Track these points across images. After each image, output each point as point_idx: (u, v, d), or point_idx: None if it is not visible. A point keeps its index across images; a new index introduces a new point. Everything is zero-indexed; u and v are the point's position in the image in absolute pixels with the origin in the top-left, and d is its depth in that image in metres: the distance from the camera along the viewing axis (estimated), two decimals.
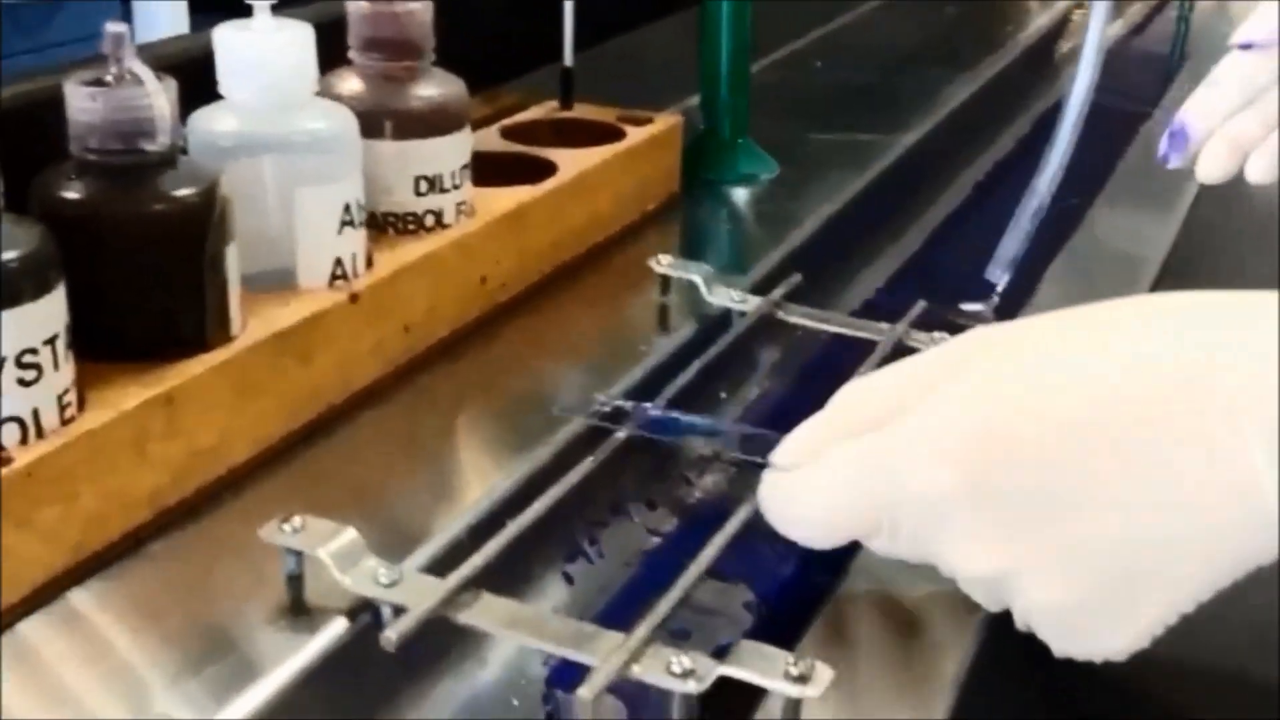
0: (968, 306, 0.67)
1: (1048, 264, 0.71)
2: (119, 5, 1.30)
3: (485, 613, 0.40)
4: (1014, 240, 0.67)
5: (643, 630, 0.39)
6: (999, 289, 0.67)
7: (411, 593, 0.40)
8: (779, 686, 0.37)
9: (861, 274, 0.75)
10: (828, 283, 0.71)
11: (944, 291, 0.69)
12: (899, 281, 0.76)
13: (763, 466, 0.44)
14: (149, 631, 0.40)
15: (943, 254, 0.80)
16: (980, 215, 0.84)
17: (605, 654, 0.38)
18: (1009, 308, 0.66)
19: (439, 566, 0.42)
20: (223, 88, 0.51)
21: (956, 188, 0.88)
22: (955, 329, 0.60)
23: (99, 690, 0.38)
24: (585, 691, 0.37)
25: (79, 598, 0.41)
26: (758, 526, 0.48)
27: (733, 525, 0.45)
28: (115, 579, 0.42)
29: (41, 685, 0.38)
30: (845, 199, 0.77)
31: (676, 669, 0.37)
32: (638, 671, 0.37)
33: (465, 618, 0.40)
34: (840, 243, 0.75)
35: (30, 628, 0.40)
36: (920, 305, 0.62)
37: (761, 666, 0.37)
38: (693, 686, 0.37)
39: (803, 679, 0.37)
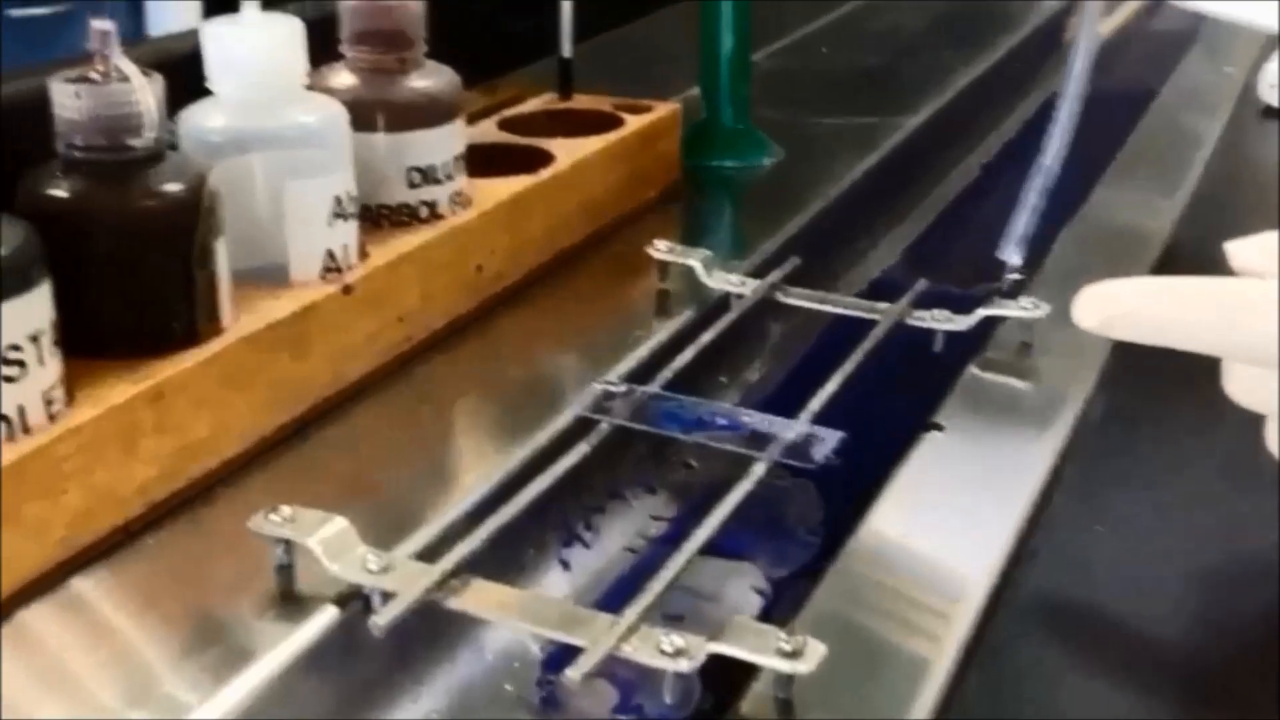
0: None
1: (1053, 241, 0.70)
2: (128, 8, 1.27)
3: (475, 598, 0.40)
4: (1024, 218, 0.66)
5: (634, 611, 0.38)
6: (1015, 266, 0.67)
7: (401, 579, 0.40)
8: (770, 662, 0.36)
9: (867, 258, 0.75)
10: (833, 267, 0.71)
11: (951, 273, 0.68)
12: (905, 264, 0.75)
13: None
14: (137, 623, 0.40)
15: (950, 236, 0.80)
16: (986, 197, 0.83)
17: (595, 636, 0.37)
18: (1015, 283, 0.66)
19: (431, 554, 0.42)
20: (211, 83, 0.51)
21: (962, 170, 0.87)
22: (960, 306, 0.60)
23: (91, 679, 0.37)
24: (573, 672, 0.36)
25: (66, 593, 0.41)
26: (763, 508, 0.48)
27: (729, 504, 0.45)
28: (104, 572, 0.42)
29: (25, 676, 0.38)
30: (848, 182, 0.76)
31: (668, 648, 0.37)
32: (628, 651, 0.37)
33: (455, 603, 0.40)
34: (845, 227, 0.74)
35: (18, 621, 0.39)
36: (921, 284, 0.61)
37: (753, 643, 0.37)
38: (684, 665, 0.36)
39: (795, 654, 0.36)
